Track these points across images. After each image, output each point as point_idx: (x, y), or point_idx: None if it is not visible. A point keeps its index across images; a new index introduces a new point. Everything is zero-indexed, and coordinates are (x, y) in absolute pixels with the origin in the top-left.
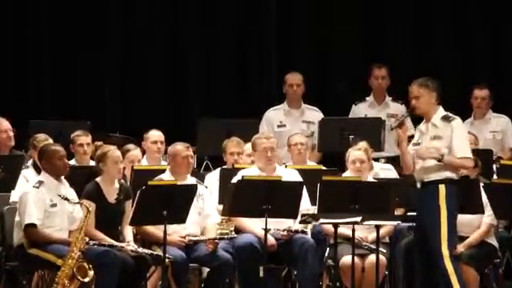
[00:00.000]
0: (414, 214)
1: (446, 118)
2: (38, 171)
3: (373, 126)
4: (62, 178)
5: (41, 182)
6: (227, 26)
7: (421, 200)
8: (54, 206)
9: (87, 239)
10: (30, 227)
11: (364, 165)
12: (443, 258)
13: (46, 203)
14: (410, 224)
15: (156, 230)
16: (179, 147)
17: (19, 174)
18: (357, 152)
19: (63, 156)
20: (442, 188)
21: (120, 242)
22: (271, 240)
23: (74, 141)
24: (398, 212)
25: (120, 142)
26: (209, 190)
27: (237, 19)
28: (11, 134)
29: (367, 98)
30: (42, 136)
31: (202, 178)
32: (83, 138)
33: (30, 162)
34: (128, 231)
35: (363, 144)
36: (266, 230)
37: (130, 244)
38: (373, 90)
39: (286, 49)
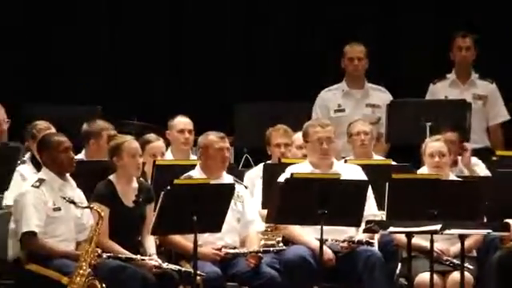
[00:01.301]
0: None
1: None
2: (38, 167)
3: (456, 111)
4: (68, 175)
5: (41, 181)
6: None
7: None
8: (57, 210)
9: (99, 251)
10: (29, 236)
11: (445, 159)
12: None
13: (47, 207)
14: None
15: (185, 241)
16: (212, 137)
17: (13, 170)
18: (435, 143)
19: (69, 148)
20: None
21: (140, 254)
22: (328, 253)
23: (102, 136)
24: None
25: (138, 131)
26: (249, 190)
27: None
28: (5, 126)
29: (448, 76)
30: (42, 124)
31: (240, 176)
32: (114, 132)
33: (27, 156)
34: (150, 242)
35: (451, 134)
36: (322, 241)
37: (152, 258)
38: (455, 65)
39: (344, 14)
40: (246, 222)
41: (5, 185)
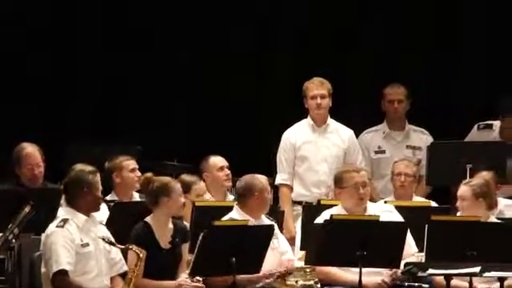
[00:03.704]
0: None
1: None
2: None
3: (496, 152)
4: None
5: (65, 220)
6: None
7: None
8: (86, 245)
9: None
10: (60, 275)
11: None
12: None
13: (75, 244)
14: None
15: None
16: (264, 181)
17: (55, 212)
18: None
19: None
20: None
21: None
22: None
23: (123, 167)
24: None
25: (177, 173)
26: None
27: None
28: (40, 170)
29: (494, 127)
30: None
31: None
32: (134, 163)
33: (63, 198)
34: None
35: (485, 174)
36: (361, 282)
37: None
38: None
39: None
40: (280, 252)
41: (45, 226)
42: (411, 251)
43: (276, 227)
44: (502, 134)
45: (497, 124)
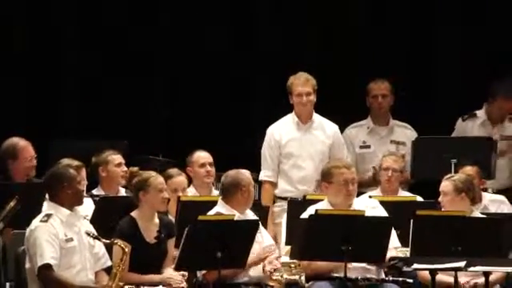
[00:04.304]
0: None
1: None
2: None
3: (480, 148)
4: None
5: (48, 216)
6: None
7: None
8: (70, 240)
9: (121, 284)
10: (45, 269)
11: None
12: None
13: (60, 239)
14: None
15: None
16: (249, 176)
17: (40, 206)
18: (444, 182)
19: (81, 181)
20: None
21: None
22: None
23: (108, 161)
24: None
25: (163, 168)
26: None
27: None
28: (35, 162)
29: (479, 114)
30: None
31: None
32: (120, 157)
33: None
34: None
35: (469, 169)
36: (346, 277)
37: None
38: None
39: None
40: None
41: (30, 220)
42: (392, 245)
43: (259, 222)
44: (490, 115)
45: (481, 112)
